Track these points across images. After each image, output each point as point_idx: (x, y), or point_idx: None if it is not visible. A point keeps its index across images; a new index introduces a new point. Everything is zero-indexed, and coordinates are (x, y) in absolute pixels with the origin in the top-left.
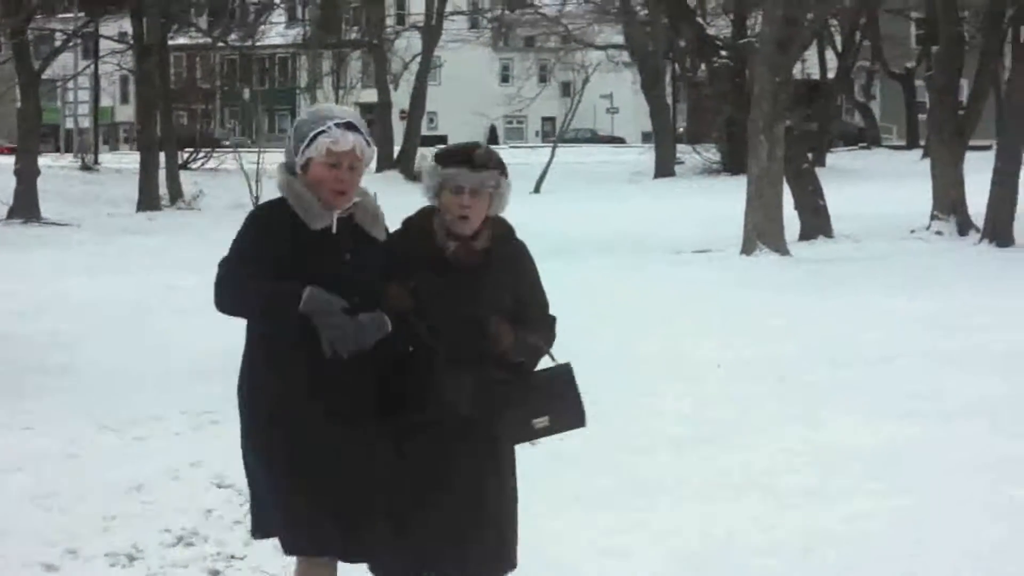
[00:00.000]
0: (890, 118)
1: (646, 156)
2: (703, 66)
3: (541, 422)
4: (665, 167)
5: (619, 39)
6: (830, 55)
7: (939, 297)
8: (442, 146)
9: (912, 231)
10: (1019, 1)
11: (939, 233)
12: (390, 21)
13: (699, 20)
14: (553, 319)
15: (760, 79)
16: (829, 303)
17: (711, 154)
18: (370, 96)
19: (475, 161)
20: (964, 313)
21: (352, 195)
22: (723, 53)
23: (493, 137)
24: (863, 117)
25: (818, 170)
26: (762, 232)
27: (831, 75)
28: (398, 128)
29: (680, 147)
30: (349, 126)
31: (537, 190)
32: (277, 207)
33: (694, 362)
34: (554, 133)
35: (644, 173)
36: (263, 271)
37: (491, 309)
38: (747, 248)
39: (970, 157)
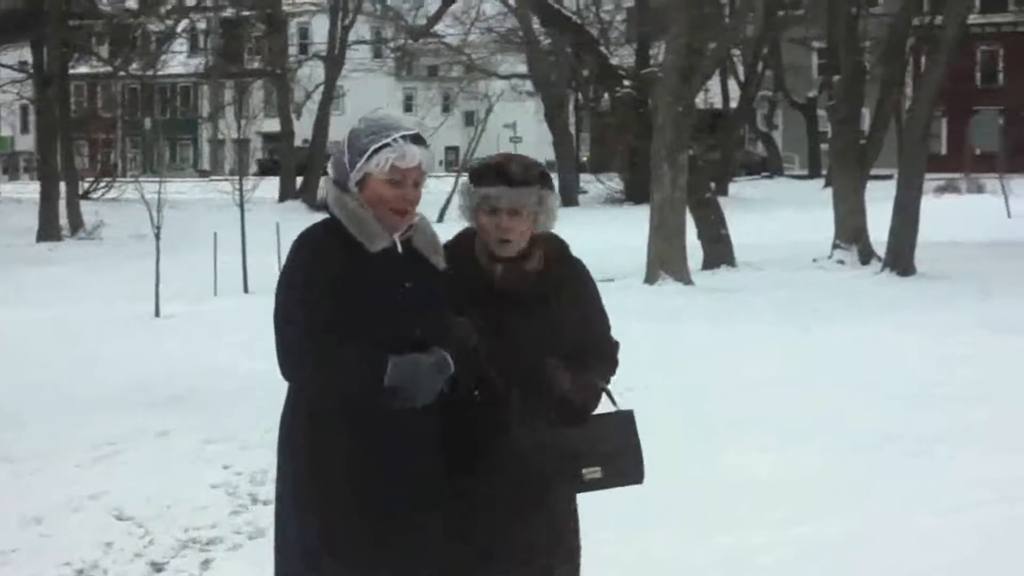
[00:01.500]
0: (792, 147)
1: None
2: (606, 95)
3: (592, 473)
4: (568, 196)
5: (522, 68)
6: (733, 85)
7: (840, 326)
8: (477, 159)
9: (814, 260)
10: (919, 31)
11: (841, 262)
12: (293, 50)
13: (602, 50)
14: (615, 348)
15: (663, 108)
16: (732, 332)
17: (614, 183)
18: (273, 126)
19: (512, 178)
20: (865, 342)
21: (412, 215)
22: (626, 82)
23: None
24: (765, 146)
25: (721, 199)
26: (665, 261)
27: (734, 104)
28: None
29: (583, 176)
30: (416, 139)
31: (441, 219)
32: (328, 228)
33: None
34: (458, 162)
35: None
36: (326, 314)
37: (549, 341)
38: (650, 277)
39: (872, 186)
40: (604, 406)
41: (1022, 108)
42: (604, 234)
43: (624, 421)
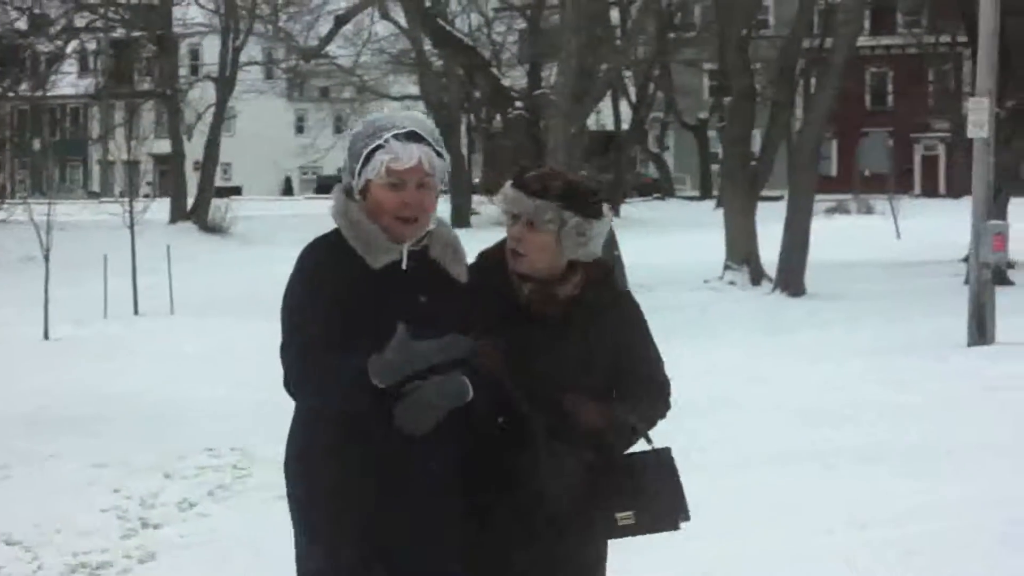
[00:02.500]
0: (684, 169)
1: (442, 206)
2: (498, 117)
3: (626, 518)
4: (461, 218)
5: (414, 90)
6: (624, 106)
7: (731, 346)
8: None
9: (705, 281)
10: (809, 54)
11: (732, 283)
12: (183, 71)
13: (494, 71)
14: (663, 386)
15: (555, 130)
16: None
17: None
18: (163, 147)
19: (527, 184)
20: (757, 361)
21: (425, 222)
22: (518, 104)
23: (288, 188)
24: (657, 168)
25: (613, 221)
26: None
27: (626, 126)
28: (192, 179)
29: (476, 198)
30: (412, 136)
31: None
32: (332, 241)
33: None
34: None
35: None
36: (327, 333)
37: (574, 373)
38: None
39: (762, 207)
40: (640, 445)
41: (911, 130)
42: None
43: (660, 461)
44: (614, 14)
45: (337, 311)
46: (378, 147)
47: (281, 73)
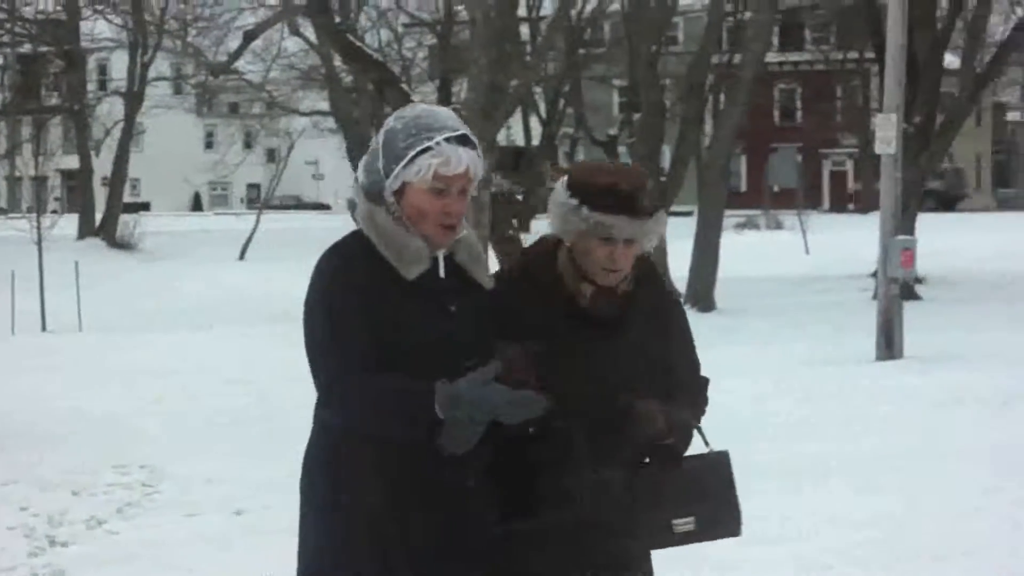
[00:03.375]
0: None
1: (351, 222)
2: None
3: (685, 524)
4: None
5: (324, 106)
6: (535, 122)
7: None
8: (580, 164)
9: None
10: (718, 70)
11: None
12: (91, 87)
13: (404, 87)
14: (705, 384)
15: None
16: None
17: None
18: (71, 162)
19: (639, 209)
20: None
21: (460, 229)
22: None
23: (197, 203)
24: None
25: (523, 236)
26: None
27: (536, 142)
28: (100, 195)
29: None
30: (463, 140)
31: (242, 257)
32: (357, 247)
33: None
34: (259, 199)
35: None
36: (363, 345)
37: (633, 373)
38: None
39: (672, 223)
40: (694, 447)
41: (820, 145)
42: None
43: (719, 464)
44: (524, 30)
45: (369, 322)
46: (426, 149)
47: (190, 88)
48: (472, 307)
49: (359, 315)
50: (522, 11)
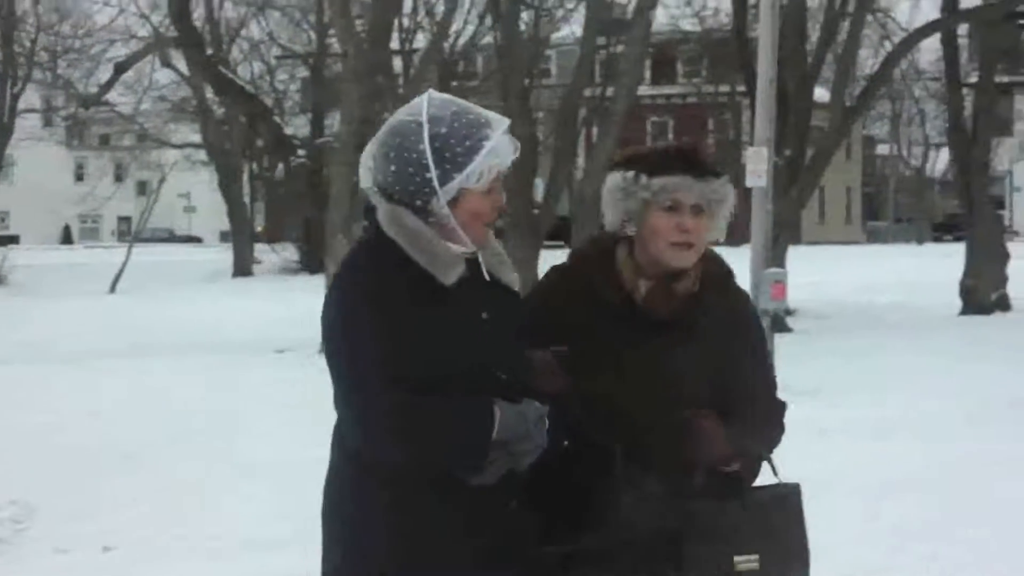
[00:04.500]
0: None
1: (224, 255)
2: (281, 165)
3: (748, 562)
4: (243, 266)
5: (196, 138)
6: None
7: None
8: (629, 150)
9: None
10: (591, 103)
11: None
12: None
13: (276, 119)
14: (781, 408)
15: (337, 178)
16: None
17: (289, 253)
18: None
19: (701, 166)
20: None
21: None
22: (300, 152)
23: (68, 236)
24: None
25: None
26: None
27: None
28: None
29: (258, 246)
30: (508, 128)
31: (113, 290)
32: (383, 254)
33: (292, 463)
34: (130, 232)
35: (222, 272)
36: (407, 365)
37: (690, 384)
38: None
39: (545, 255)
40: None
41: None
42: (280, 304)
43: (788, 498)
44: (397, 62)
45: (412, 338)
46: (480, 148)
47: (60, 120)
48: (503, 314)
49: (398, 330)
50: (395, 44)
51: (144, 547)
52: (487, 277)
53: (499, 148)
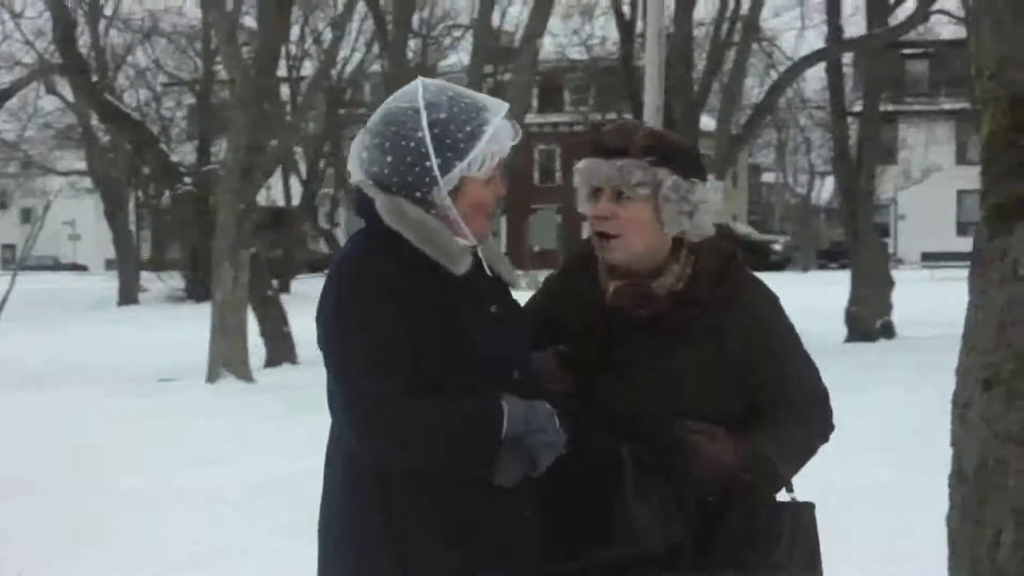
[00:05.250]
0: None
1: (109, 283)
2: (167, 193)
3: None
4: (129, 294)
5: (81, 165)
6: (295, 182)
7: None
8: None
9: None
10: None
11: None
12: None
13: (163, 147)
14: (815, 409)
15: (224, 206)
16: (295, 428)
17: (175, 281)
18: None
19: (606, 144)
20: None
21: None
22: (187, 180)
23: None
24: (328, 244)
25: (283, 297)
26: (227, 360)
27: (296, 202)
28: None
29: (144, 274)
30: (507, 113)
31: None
32: (384, 246)
33: (175, 490)
34: (14, 261)
35: (108, 300)
36: (415, 361)
37: (681, 395)
38: (212, 376)
39: None
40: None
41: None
42: (166, 332)
43: (804, 517)
44: (284, 89)
45: (419, 334)
46: (481, 133)
47: None
48: (510, 309)
49: (404, 326)
50: (282, 71)
51: None
52: (488, 272)
53: (500, 133)
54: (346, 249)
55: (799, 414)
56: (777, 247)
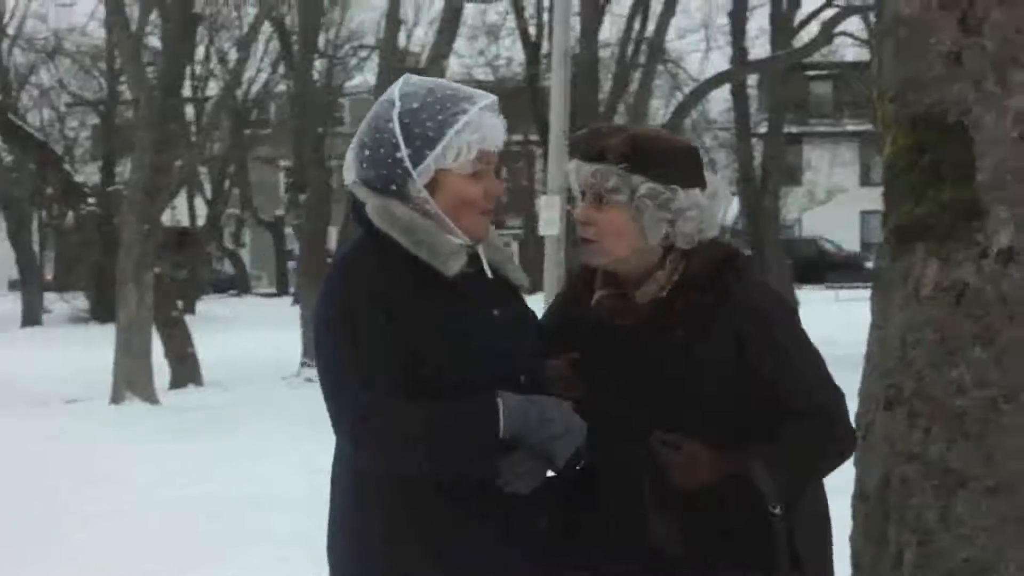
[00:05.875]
0: (260, 265)
1: (12, 305)
2: (71, 214)
3: None
4: (32, 315)
5: None
6: (200, 202)
7: (316, 440)
8: None
9: (283, 378)
10: None
11: (309, 380)
12: None
13: (67, 167)
14: (822, 417)
15: (128, 227)
16: (201, 449)
17: (79, 302)
18: None
19: (583, 147)
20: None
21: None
22: (91, 200)
23: None
24: (233, 264)
25: (188, 318)
26: (131, 381)
27: (201, 222)
28: None
29: (48, 295)
30: (493, 106)
31: None
32: (373, 249)
33: (81, 514)
34: None
35: (11, 322)
36: (404, 365)
37: (669, 406)
38: (116, 397)
39: None
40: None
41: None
42: (70, 354)
43: (801, 532)
44: (189, 109)
45: (408, 338)
46: (463, 125)
47: None
48: (515, 312)
49: (391, 330)
50: (187, 91)
51: None
52: (490, 274)
53: (478, 123)
54: (341, 254)
55: (807, 427)
56: None
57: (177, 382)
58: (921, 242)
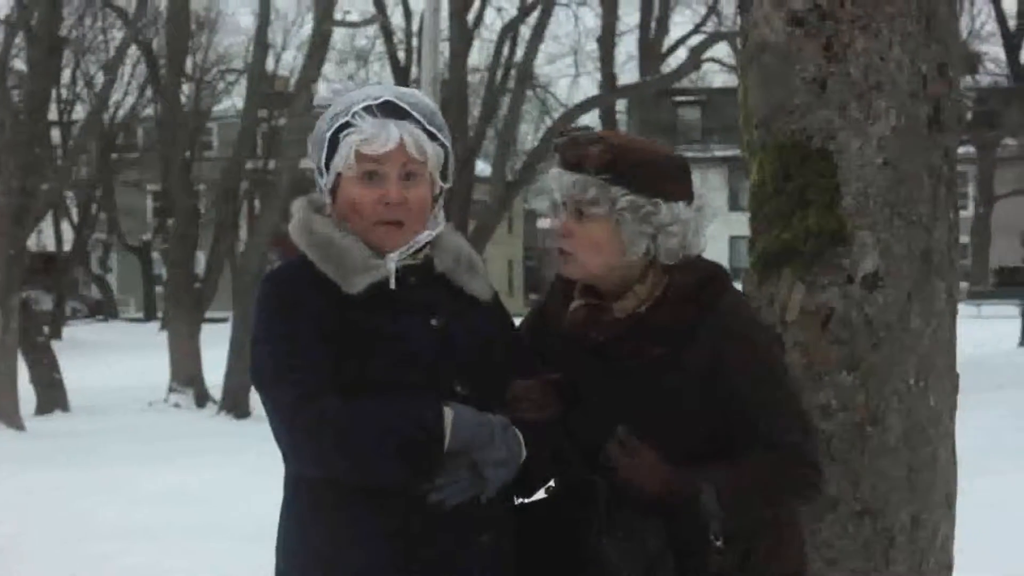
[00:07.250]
0: (127, 290)
1: None
2: None
3: None
4: None
5: None
6: (67, 226)
7: (182, 469)
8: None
9: (150, 403)
10: (253, 175)
11: (177, 405)
12: None
13: None
14: (787, 446)
15: None
16: (69, 477)
17: None
18: None
19: (564, 155)
20: (209, 485)
21: (417, 226)
22: None
23: None
24: (100, 289)
25: (55, 343)
26: None
27: (68, 247)
28: None
29: None
30: (388, 108)
31: None
32: (294, 268)
33: None
34: None
35: None
36: (330, 369)
37: (642, 423)
38: None
39: (208, 329)
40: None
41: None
42: None
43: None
44: (55, 133)
45: (331, 352)
46: (345, 125)
47: None
48: (463, 323)
49: (315, 336)
50: (53, 114)
51: None
52: (453, 284)
53: (363, 126)
54: (268, 272)
55: (770, 459)
56: None
57: (43, 408)
58: (787, 267)
